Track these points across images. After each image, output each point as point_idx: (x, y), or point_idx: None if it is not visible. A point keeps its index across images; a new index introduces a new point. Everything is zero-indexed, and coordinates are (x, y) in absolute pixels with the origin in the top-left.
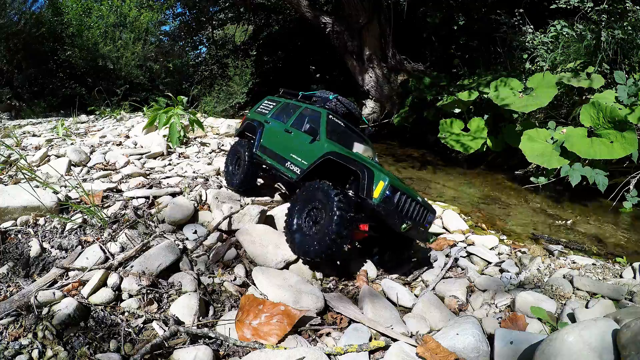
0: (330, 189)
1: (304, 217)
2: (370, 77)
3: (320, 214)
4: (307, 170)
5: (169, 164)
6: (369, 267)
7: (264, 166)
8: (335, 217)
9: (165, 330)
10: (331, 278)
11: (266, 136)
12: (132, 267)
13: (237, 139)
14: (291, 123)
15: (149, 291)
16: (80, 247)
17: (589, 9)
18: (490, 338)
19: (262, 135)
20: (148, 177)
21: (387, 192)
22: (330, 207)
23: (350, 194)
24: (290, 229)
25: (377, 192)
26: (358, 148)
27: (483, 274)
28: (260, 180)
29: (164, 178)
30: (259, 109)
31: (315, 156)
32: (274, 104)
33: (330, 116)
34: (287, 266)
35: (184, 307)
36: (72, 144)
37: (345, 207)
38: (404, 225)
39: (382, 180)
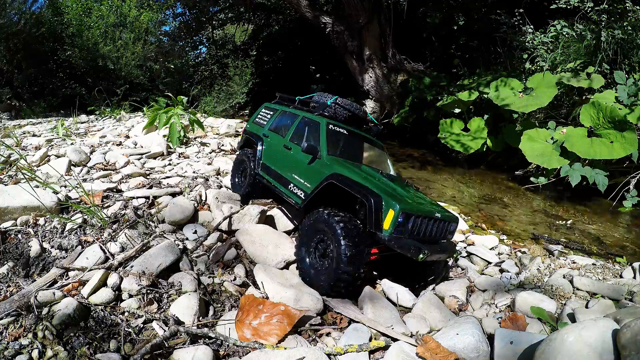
0: (334, 220)
1: (312, 250)
2: (370, 77)
3: (328, 246)
4: (311, 195)
5: (169, 164)
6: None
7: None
8: (342, 254)
9: (165, 330)
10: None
11: (267, 153)
12: (132, 267)
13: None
14: (290, 137)
15: (149, 291)
16: (80, 247)
17: (589, 9)
18: (490, 338)
19: (262, 152)
20: (148, 177)
21: (400, 220)
22: (337, 241)
23: (358, 222)
24: (301, 261)
25: (387, 223)
26: (367, 155)
27: (483, 274)
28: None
29: (164, 178)
30: (256, 120)
31: (318, 178)
32: (271, 112)
33: (330, 126)
34: (287, 266)
35: (184, 307)
36: (72, 144)
37: (352, 241)
38: (422, 256)
39: (392, 208)
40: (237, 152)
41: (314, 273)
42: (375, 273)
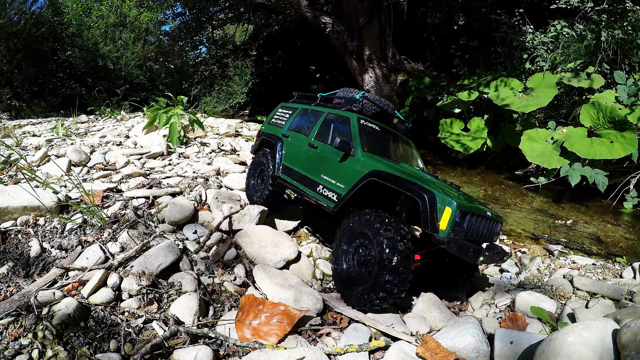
0: (378, 223)
1: (351, 257)
2: (370, 77)
3: (368, 253)
4: (346, 197)
5: (169, 164)
6: None
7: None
8: (386, 262)
9: (165, 330)
10: (331, 278)
11: (288, 154)
12: (132, 267)
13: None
14: (315, 135)
15: (149, 291)
16: (80, 247)
17: (589, 9)
18: (490, 338)
19: (282, 154)
20: (148, 177)
21: (457, 219)
22: (380, 246)
23: (403, 225)
24: (337, 269)
25: (444, 223)
26: (400, 153)
27: (483, 274)
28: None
29: (164, 178)
30: (273, 120)
31: (354, 178)
32: (290, 112)
33: (362, 121)
34: (287, 265)
35: (184, 307)
36: (72, 144)
37: (398, 247)
38: (482, 259)
39: (449, 205)
40: (253, 156)
41: (349, 282)
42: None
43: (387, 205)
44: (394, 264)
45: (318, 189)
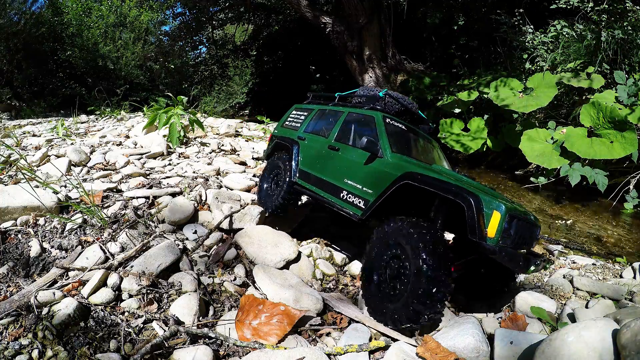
0: (416, 231)
1: (382, 269)
2: (370, 77)
3: (402, 265)
4: (376, 203)
5: (169, 164)
6: None
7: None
8: (425, 272)
9: (165, 330)
10: (332, 278)
11: (305, 158)
12: (132, 267)
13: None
14: (335, 136)
15: (149, 291)
16: (80, 247)
17: (589, 9)
18: (490, 338)
19: (299, 158)
20: (148, 177)
21: (505, 225)
22: (418, 257)
23: (441, 233)
24: (367, 283)
25: (492, 229)
26: (428, 154)
27: None
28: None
29: (164, 178)
30: (287, 123)
31: (384, 181)
32: (305, 113)
33: (387, 120)
34: (287, 265)
35: (184, 307)
36: (72, 144)
37: (438, 258)
38: (533, 268)
39: (497, 209)
40: (266, 162)
41: (382, 298)
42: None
43: (418, 212)
44: (433, 273)
45: (342, 195)
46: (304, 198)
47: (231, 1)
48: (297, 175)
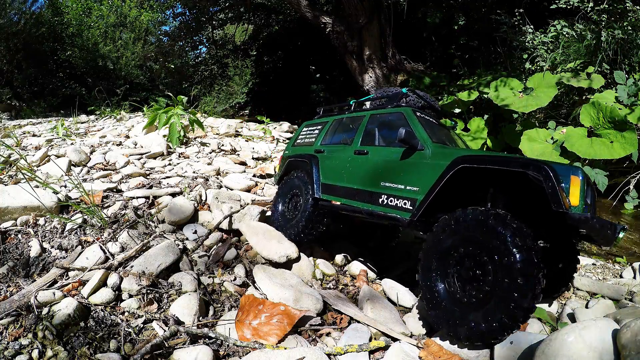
0: (493, 221)
1: (451, 275)
2: (370, 77)
3: (480, 263)
4: (428, 199)
5: (169, 164)
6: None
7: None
8: (515, 266)
9: (165, 330)
10: (331, 278)
11: (327, 170)
12: (132, 267)
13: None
14: (360, 141)
15: (149, 291)
16: (80, 247)
17: (589, 9)
18: None
19: (320, 171)
20: (148, 177)
21: (584, 190)
22: (504, 250)
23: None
24: (431, 291)
25: (575, 197)
26: (461, 147)
27: None
28: None
29: (164, 178)
30: (298, 141)
31: (432, 173)
32: (319, 127)
33: (417, 113)
34: (288, 262)
35: (184, 307)
36: (72, 144)
37: (528, 244)
38: (621, 235)
39: (574, 174)
40: (277, 187)
41: (458, 313)
42: (374, 274)
43: (471, 204)
44: (525, 266)
45: (380, 200)
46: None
47: (231, 1)
48: (320, 190)
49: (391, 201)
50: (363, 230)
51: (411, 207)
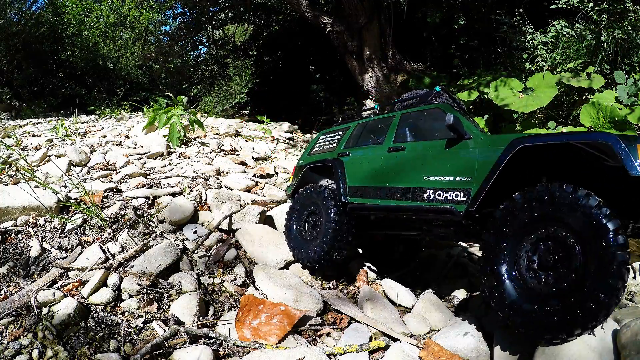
0: (597, 205)
1: (525, 269)
2: (371, 77)
3: (561, 248)
4: (486, 187)
5: (169, 164)
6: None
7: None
8: (615, 264)
9: (165, 330)
10: (331, 279)
11: (356, 172)
12: (132, 267)
13: (306, 190)
14: (394, 139)
15: (149, 291)
16: (80, 247)
17: (589, 9)
18: (490, 338)
19: (346, 175)
20: (148, 177)
21: None
22: (604, 244)
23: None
24: (504, 299)
25: None
26: None
27: None
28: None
29: (164, 178)
30: (316, 149)
31: (489, 158)
32: (340, 132)
33: (454, 107)
34: (287, 266)
35: (184, 307)
36: (72, 144)
37: (616, 222)
38: None
39: (637, 142)
40: (291, 200)
41: (536, 308)
42: (374, 274)
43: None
44: (620, 251)
45: (426, 195)
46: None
47: (231, 1)
48: (349, 194)
49: (439, 195)
50: (384, 246)
51: (465, 199)
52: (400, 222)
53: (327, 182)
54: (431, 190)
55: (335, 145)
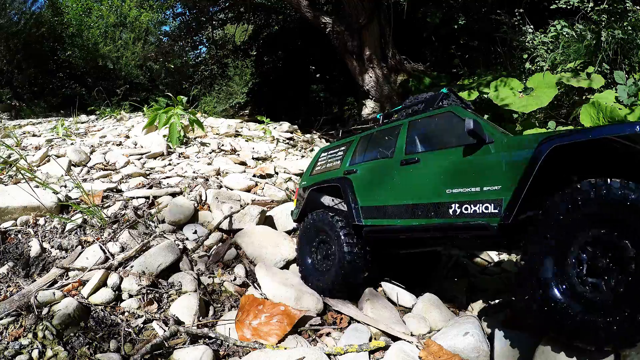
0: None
1: (576, 270)
2: (370, 77)
3: (609, 259)
4: (521, 194)
5: (169, 164)
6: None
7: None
8: None
9: (165, 330)
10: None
11: (367, 190)
12: (132, 267)
13: (313, 216)
14: (405, 150)
15: (149, 291)
16: (80, 247)
17: (589, 9)
18: (490, 338)
19: (356, 194)
20: (148, 177)
21: None
22: None
23: None
24: (552, 307)
25: None
26: None
27: (484, 273)
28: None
29: (164, 178)
30: (318, 168)
31: (519, 163)
32: (342, 148)
33: (468, 110)
34: (287, 265)
35: (184, 307)
36: (72, 144)
37: None
38: None
39: None
40: (299, 226)
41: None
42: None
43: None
44: None
45: (451, 211)
46: None
47: (231, 1)
48: (362, 215)
49: (466, 209)
50: (401, 258)
51: (496, 210)
52: (424, 241)
53: (332, 200)
54: (456, 205)
55: (339, 162)
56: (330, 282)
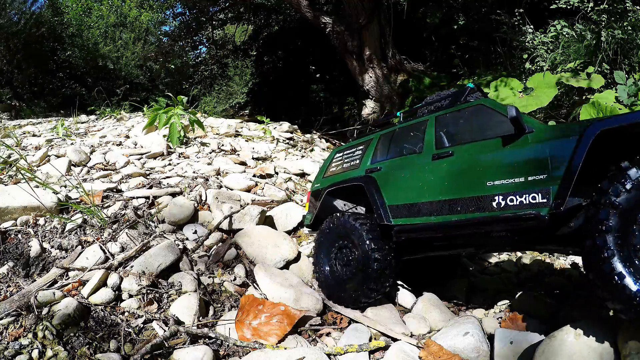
0: None
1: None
2: (370, 77)
3: None
4: (571, 181)
5: (169, 164)
6: None
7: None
8: None
9: (165, 330)
10: None
11: (396, 188)
12: (132, 267)
13: (331, 221)
14: (434, 144)
15: (149, 291)
16: (80, 247)
17: (589, 9)
18: (490, 338)
19: (382, 193)
20: (148, 177)
21: None
22: None
23: None
24: (628, 296)
25: None
26: None
27: (483, 273)
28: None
29: (164, 178)
30: (332, 169)
31: (565, 149)
32: (361, 147)
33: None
34: (287, 265)
35: (184, 307)
36: (72, 144)
37: None
38: None
39: None
40: (313, 234)
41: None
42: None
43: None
44: None
45: (495, 203)
46: None
47: (231, 1)
48: (391, 214)
49: (511, 200)
50: (417, 263)
51: (545, 200)
52: (456, 242)
53: (344, 204)
54: (500, 197)
55: (358, 161)
56: (353, 290)
